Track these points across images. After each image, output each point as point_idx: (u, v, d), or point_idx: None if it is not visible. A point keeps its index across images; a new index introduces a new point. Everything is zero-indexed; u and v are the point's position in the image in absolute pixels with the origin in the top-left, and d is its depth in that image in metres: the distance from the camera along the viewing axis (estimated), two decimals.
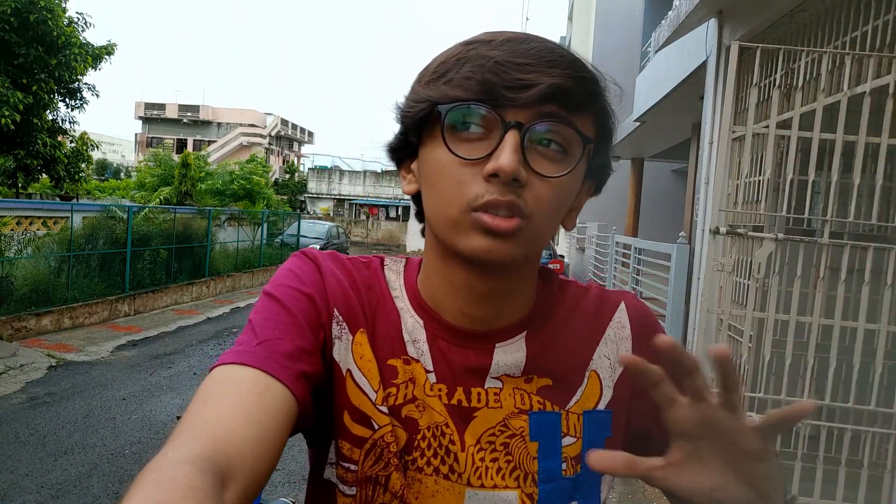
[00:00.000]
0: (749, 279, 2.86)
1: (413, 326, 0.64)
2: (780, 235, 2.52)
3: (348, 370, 0.62)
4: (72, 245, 8.05)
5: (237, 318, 9.59)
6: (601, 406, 0.64)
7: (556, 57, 0.54)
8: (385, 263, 0.69)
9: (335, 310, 0.62)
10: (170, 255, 10.14)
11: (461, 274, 0.60)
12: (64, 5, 9.79)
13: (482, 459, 0.61)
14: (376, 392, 0.61)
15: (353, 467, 0.61)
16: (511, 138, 0.52)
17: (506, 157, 0.52)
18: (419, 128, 0.58)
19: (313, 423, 0.61)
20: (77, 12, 10.68)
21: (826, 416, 2.69)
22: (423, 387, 0.62)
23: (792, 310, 2.55)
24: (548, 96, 0.52)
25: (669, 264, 5.83)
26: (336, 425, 0.62)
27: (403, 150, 0.63)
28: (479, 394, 0.62)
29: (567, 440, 0.63)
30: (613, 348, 0.66)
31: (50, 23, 9.13)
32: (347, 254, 0.70)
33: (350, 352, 0.62)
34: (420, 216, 0.64)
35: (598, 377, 0.65)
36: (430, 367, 0.63)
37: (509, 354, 0.63)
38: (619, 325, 0.67)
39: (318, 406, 0.61)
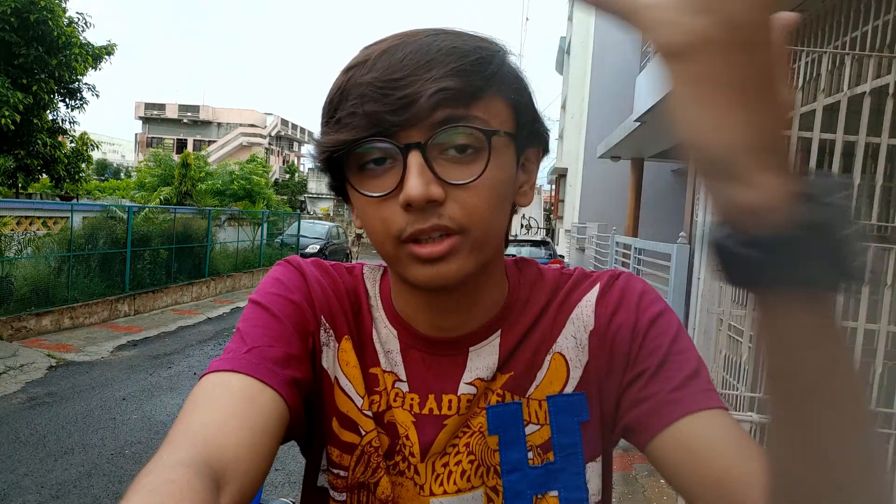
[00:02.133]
0: None
1: (387, 337, 0.64)
2: None
3: (335, 377, 0.63)
4: (72, 245, 8.05)
5: (237, 319, 9.53)
6: (569, 389, 0.61)
7: (432, 55, 0.50)
8: (364, 271, 0.68)
9: (322, 317, 0.63)
10: (170, 255, 10.15)
11: (422, 293, 0.60)
12: (64, 5, 9.80)
13: (445, 465, 0.60)
14: (362, 398, 0.62)
15: (342, 473, 0.62)
16: (414, 161, 0.50)
17: (412, 184, 0.50)
18: (336, 172, 0.57)
19: (305, 430, 0.61)
20: (77, 12, 10.70)
21: None
22: (391, 396, 0.62)
23: None
24: (434, 104, 0.49)
25: (669, 264, 5.83)
26: (326, 432, 0.63)
27: (340, 191, 0.61)
28: (450, 401, 0.61)
29: (530, 428, 0.60)
30: (580, 327, 0.62)
31: (50, 23, 9.14)
32: (349, 255, 0.70)
33: (336, 359, 0.63)
34: None
35: (564, 359, 0.61)
36: (404, 377, 0.62)
37: (483, 357, 0.62)
38: (587, 302, 0.62)
39: (309, 413, 0.61)
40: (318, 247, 16.77)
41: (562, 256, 15.32)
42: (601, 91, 14.92)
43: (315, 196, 35.34)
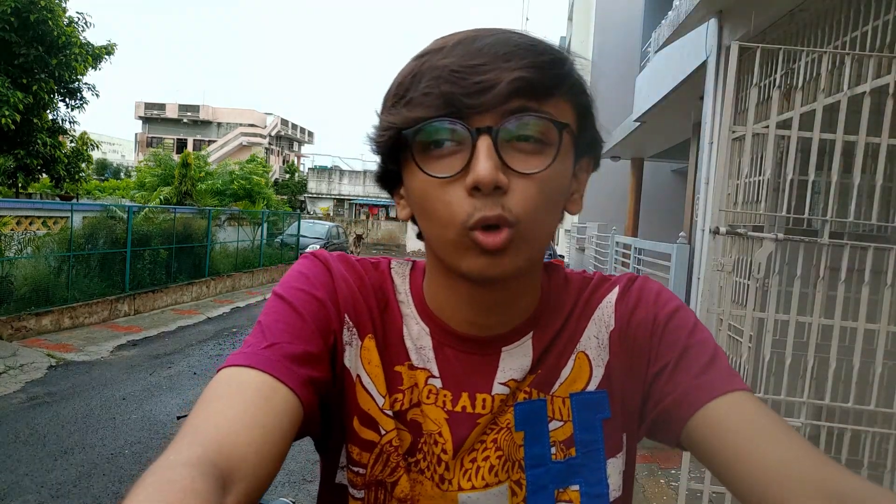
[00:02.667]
0: (749, 279, 2.87)
1: (419, 333, 0.64)
2: (780, 235, 2.52)
3: (357, 375, 0.62)
4: (72, 245, 8.05)
5: (237, 318, 9.60)
6: (592, 387, 0.62)
7: (511, 48, 0.52)
8: (392, 266, 0.68)
9: (346, 315, 0.62)
10: (170, 255, 10.15)
11: (465, 289, 0.60)
12: (64, 5, 9.79)
13: (473, 461, 0.61)
14: (384, 397, 0.62)
15: (361, 471, 0.62)
16: (483, 145, 0.51)
17: (482, 166, 0.50)
18: (394, 155, 0.58)
19: (320, 428, 0.61)
20: (77, 12, 10.71)
21: (826, 416, 2.69)
22: (423, 393, 0.62)
23: (792, 310, 2.55)
24: (510, 93, 0.51)
25: (669, 264, 5.83)
26: (347, 430, 0.62)
27: (389, 179, 0.62)
28: (484, 400, 0.62)
29: (554, 424, 0.61)
30: (601, 327, 0.64)
31: (50, 23, 9.13)
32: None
33: (359, 357, 0.63)
34: (421, 236, 0.63)
35: (587, 357, 0.63)
36: (437, 373, 0.62)
37: (516, 358, 0.62)
38: (608, 303, 0.64)
39: (325, 411, 0.61)
40: (318, 247, 16.74)
41: (562, 256, 15.32)
42: (601, 91, 14.82)
43: (315, 196, 35.30)
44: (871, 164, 2.82)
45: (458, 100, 0.51)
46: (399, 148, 0.56)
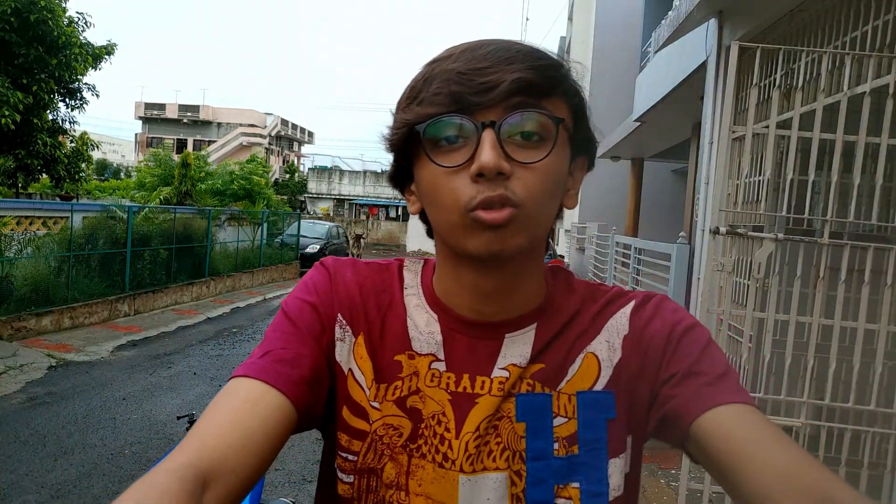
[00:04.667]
0: (749, 279, 2.86)
1: (427, 321, 0.68)
2: (780, 235, 2.52)
3: (350, 369, 0.67)
4: (72, 245, 8.05)
5: (237, 318, 9.60)
6: (599, 387, 0.65)
7: (512, 54, 0.58)
8: (404, 265, 0.74)
9: (339, 315, 0.69)
10: (170, 255, 10.15)
11: (469, 275, 0.65)
12: (64, 5, 9.80)
13: (476, 446, 0.63)
14: (369, 389, 0.67)
15: (350, 457, 0.66)
16: (487, 136, 0.56)
17: (486, 154, 0.56)
18: (406, 151, 0.63)
19: (321, 419, 0.67)
20: (77, 12, 10.70)
21: (826, 416, 2.69)
22: (426, 378, 0.66)
23: (792, 310, 2.55)
24: (512, 90, 0.56)
25: (669, 264, 5.83)
26: (337, 419, 0.67)
27: (401, 176, 0.68)
28: (483, 382, 0.65)
29: (558, 420, 0.64)
30: (614, 333, 0.67)
31: (50, 23, 9.13)
32: (346, 254, 0.72)
33: (352, 353, 0.68)
34: (430, 231, 0.69)
35: (597, 358, 0.66)
36: (442, 357, 0.67)
37: (518, 345, 0.66)
38: (622, 314, 0.68)
39: (326, 402, 0.67)
40: (318, 247, 16.76)
41: (562, 256, 15.32)
42: (601, 91, 14.92)
43: (315, 196, 35.30)
44: (871, 164, 2.82)
45: (465, 98, 0.57)
46: (411, 144, 0.62)
